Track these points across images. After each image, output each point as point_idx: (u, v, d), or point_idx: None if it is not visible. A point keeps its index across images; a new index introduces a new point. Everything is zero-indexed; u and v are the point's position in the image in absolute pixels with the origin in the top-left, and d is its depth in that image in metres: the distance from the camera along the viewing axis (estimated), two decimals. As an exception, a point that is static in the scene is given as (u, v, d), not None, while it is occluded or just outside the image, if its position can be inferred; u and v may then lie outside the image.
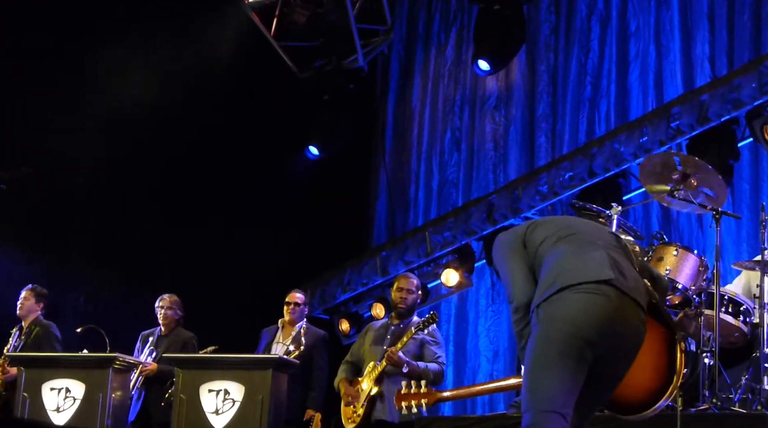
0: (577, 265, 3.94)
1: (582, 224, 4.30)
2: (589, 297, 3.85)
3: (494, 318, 10.24)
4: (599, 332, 3.84)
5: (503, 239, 4.26)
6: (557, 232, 4.11)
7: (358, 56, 11.22)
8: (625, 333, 3.92)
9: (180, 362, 7.68)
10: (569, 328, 3.82)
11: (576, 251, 4.00)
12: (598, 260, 3.95)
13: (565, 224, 4.21)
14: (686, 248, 7.01)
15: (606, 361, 3.90)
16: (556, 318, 3.85)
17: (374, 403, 7.38)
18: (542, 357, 3.84)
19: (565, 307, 3.85)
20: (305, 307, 8.51)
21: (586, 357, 3.82)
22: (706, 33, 9.25)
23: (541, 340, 3.86)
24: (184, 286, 10.29)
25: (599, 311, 3.84)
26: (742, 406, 6.54)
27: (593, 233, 4.18)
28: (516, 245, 4.15)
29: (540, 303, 3.92)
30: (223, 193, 11.19)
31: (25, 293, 8.99)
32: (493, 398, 10.04)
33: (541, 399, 3.81)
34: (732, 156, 8.44)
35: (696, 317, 6.90)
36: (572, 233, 4.11)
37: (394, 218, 11.45)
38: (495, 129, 10.68)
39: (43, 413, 7.67)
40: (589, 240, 4.07)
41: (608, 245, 4.09)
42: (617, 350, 3.92)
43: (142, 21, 10.79)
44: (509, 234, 4.28)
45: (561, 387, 3.79)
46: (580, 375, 3.83)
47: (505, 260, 4.14)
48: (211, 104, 10.96)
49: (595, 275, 3.89)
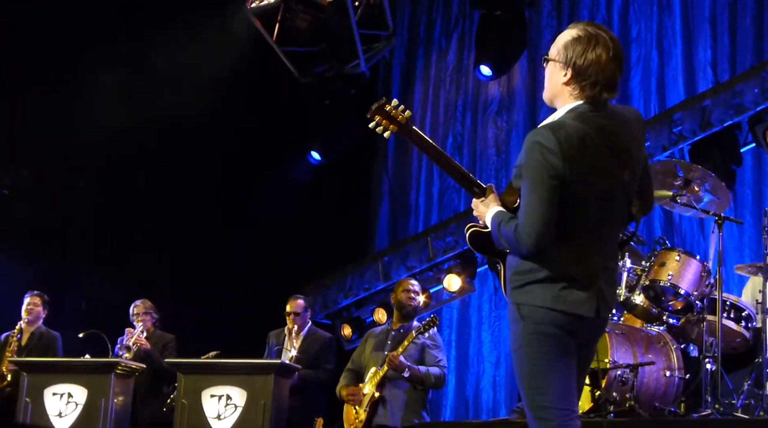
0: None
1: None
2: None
3: (497, 324, 10.23)
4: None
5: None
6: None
7: (359, 61, 11.23)
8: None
9: (182, 367, 7.68)
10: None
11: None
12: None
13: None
14: (689, 254, 7.01)
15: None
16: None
17: (376, 408, 7.39)
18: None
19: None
20: (306, 312, 8.52)
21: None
22: (708, 38, 9.25)
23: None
24: (186, 290, 10.32)
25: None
26: (744, 412, 6.54)
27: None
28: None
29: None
30: (225, 197, 11.20)
31: (32, 298, 8.95)
32: (495, 403, 10.04)
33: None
34: (734, 161, 8.45)
35: (698, 322, 6.91)
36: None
37: (395, 224, 11.45)
38: (497, 134, 10.69)
39: (46, 418, 7.67)
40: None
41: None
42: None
43: (144, 25, 10.80)
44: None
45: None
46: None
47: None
48: (212, 109, 10.95)
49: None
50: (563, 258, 3.69)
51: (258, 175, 11.15)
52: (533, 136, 3.65)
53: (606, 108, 3.75)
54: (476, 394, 10.21)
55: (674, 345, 6.88)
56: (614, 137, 3.70)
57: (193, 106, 10.83)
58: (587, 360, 3.95)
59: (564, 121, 3.69)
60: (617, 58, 3.72)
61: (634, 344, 6.76)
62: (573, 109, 3.73)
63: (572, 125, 3.65)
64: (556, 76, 3.78)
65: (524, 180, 3.68)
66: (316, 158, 11.39)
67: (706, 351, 6.69)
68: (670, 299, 7.00)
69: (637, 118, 3.89)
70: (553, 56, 3.79)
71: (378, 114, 4.08)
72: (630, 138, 3.77)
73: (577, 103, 3.73)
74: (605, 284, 3.76)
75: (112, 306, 10.78)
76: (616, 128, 3.72)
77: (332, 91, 11.36)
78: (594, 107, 3.72)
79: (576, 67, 3.71)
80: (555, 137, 3.60)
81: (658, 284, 6.90)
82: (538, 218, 3.62)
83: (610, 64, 3.70)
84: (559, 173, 3.59)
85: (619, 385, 6.63)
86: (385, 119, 4.07)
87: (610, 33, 3.76)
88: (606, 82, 3.70)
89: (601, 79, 3.70)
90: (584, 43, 3.71)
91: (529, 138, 3.67)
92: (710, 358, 6.64)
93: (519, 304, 3.75)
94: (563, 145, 3.59)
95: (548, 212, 3.61)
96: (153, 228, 11.04)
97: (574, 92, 3.74)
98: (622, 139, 3.73)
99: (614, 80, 3.72)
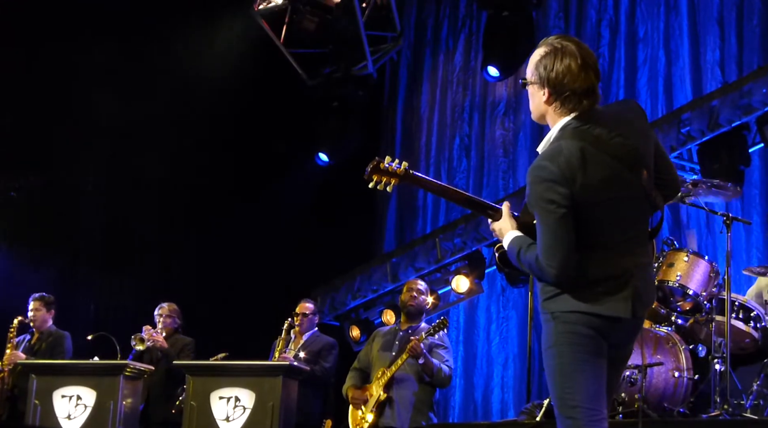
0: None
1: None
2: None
3: (505, 325, 10.22)
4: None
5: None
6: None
7: (367, 63, 11.24)
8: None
9: (190, 369, 7.69)
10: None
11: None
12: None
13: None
14: (697, 254, 6.99)
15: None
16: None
17: (383, 409, 7.40)
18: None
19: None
20: (314, 316, 8.52)
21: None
22: (715, 38, 9.23)
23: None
24: (195, 292, 10.33)
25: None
26: (753, 412, 6.52)
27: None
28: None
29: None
30: (233, 199, 11.21)
31: (34, 304, 8.94)
32: (504, 405, 10.03)
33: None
34: (743, 162, 8.42)
35: (707, 323, 6.89)
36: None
37: (403, 225, 11.46)
38: (504, 135, 10.69)
39: (54, 420, 7.68)
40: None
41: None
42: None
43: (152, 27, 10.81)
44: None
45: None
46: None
47: None
48: (220, 111, 10.98)
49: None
50: (593, 266, 3.70)
51: (266, 177, 11.16)
52: (534, 170, 3.68)
53: (597, 115, 3.76)
54: (485, 395, 10.21)
55: (683, 346, 6.86)
56: (614, 141, 3.71)
57: (201, 108, 10.87)
58: (622, 361, 3.97)
59: (560, 145, 3.69)
60: (587, 64, 3.73)
61: (643, 344, 6.74)
62: (564, 126, 3.74)
63: (568, 146, 3.66)
64: (536, 97, 3.82)
65: (535, 214, 3.71)
66: (323, 159, 11.40)
67: (715, 352, 6.68)
68: (678, 299, 6.99)
69: (633, 109, 3.89)
70: (528, 78, 3.83)
71: (375, 173, 4.10)
72: (630, 133, 3.76)
73: (565, 119, 3.75)
74: (641, 281, 3.76)
75: (121, 309, 10.84)
76: (613, 130, 3.72)
77: (340, 92, 11.38)
78: (583, 118, 3.73)
79: (550, 83, 3.74)
80: (555, 165, 3.62)
81: (667, 284, 6.88)
82: (556, 250, 3.64)
83: (580, 72, 3.71)
84: (566, 199, 3.61)
85: (628, 386, 6.62)
86: (383, 175, 4.11)
87: (578, 42, 3.78)
88: (582, 89, 3.72)
89: (577, 88, 3.72)
90: (551, 57, 3.74)
91: (530, 172, 3.69)
92: (719, 359, 6.63)
93: (552, 312, 3.76)
94: (564, 170, 3.61)
95: (564, 241, 3.63)
96: (162, 231, 11.07)
97: (557, 109, 3.77)
98: (622, 139, 3.72)
99: (589, 86, 3.73)
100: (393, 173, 4.10)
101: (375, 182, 4.11)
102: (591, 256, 3.69)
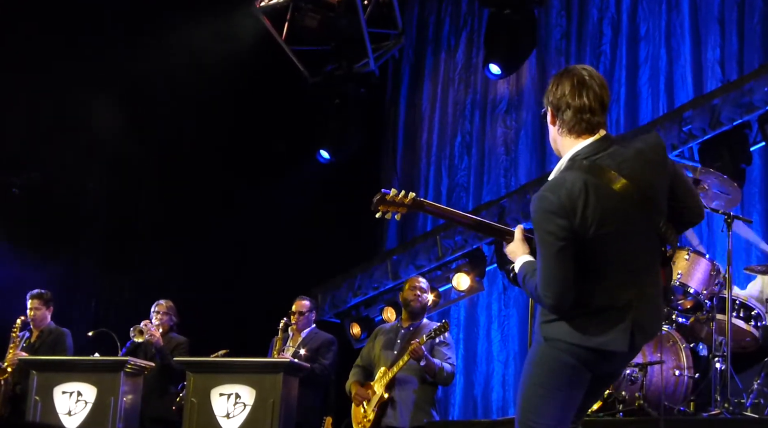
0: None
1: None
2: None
3: (506, 323, 10.22)
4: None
5: None
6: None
7: (369, 60, 11.24)
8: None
9: (191, 366, 7.70)
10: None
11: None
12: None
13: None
14: (698, 253, 7.00)
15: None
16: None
17: (385, 409, 7.39)
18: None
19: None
20: (311, 313, 8.51)
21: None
22: (716, 37, 9.23)
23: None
24: (195, 290, 10.33)
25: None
26: (754, 411, 6.53)
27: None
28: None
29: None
30: (234, 197, 11.20)
31: (32, 302, 8.91)
32: (505, 402, 10.04)
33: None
34: (744, 160, 8.42)
35: (708, 321, 6.90)
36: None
37: (404, 222, 11.45)
38: (506, 133, 10.68)
39: (55, 417, 7.68)
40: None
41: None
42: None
43: (152, 25, 10.81)
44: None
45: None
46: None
47: None
48: (221, 108, 10.98)
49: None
50: (594, 296, 3.71)
51: (267, 174, 11.16)
52: (537, 201, 3.69)
53: (608, 145, 3.75)
54: (485, 393, 10.21)
55: (683, 344, 6.87)
56: (622, 173, 3.69)
57: (202, 106, 10.86)
58: (602, 388, 4.02)
59: (564, 176, 3.71)
60: (582, 83, 3.76)
61: (643, 343, 6.74)
62: (573, 157, 3.76)
63: (572, 178, 3.68)
64: (552, 126, 3.88)
65: (536, 242, 3.74)
66: (325, 156, 11.39)
67: (716, 350, 6.69)
68: (679, 298, 6.99)
69: (652, 144, 3.84)
70: (545, 109, 3.89)
71: (381, 205, 4.13)
72: (641, 166, 3.73)
73: (575, 149, 3.77)
74: (645, 312, 3.75)
75: (121, 306, 10.84)
76: (622, 163, 3.71)
77: (341, 90, 11.37)
78: (593, 148, 3.74)
79: (554, 107, 3.81)
80: (556, 197, 3.63)
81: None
82: (553, 281, 3.67)
83: (574, 91, 3.76)
84: (565, 231, 3.62)
85: (629, 384, 6.63)
86: (390, 206, 4.13)
87: (584, 67, 3.83)
88: (580, 108, 3.75)
89: (574, 106, 3.75)
90: (554, 84, 3.83)
91: (533, 201, 3.71)
92: (719, 357, 6.64)
93: (545, 336, 3.79)
94: (565, 202, 3.61)
95: (562, 272, 3.65)
96: (162, 228, 11.06)
97: (563, 133, 3.81)
98: (632, 170, 3.71)
99: (587, 104, 3.75)
100: (400, 203, 4.12)
101: (382, 212, 4.14)
102: (593, 286, 3.70)
